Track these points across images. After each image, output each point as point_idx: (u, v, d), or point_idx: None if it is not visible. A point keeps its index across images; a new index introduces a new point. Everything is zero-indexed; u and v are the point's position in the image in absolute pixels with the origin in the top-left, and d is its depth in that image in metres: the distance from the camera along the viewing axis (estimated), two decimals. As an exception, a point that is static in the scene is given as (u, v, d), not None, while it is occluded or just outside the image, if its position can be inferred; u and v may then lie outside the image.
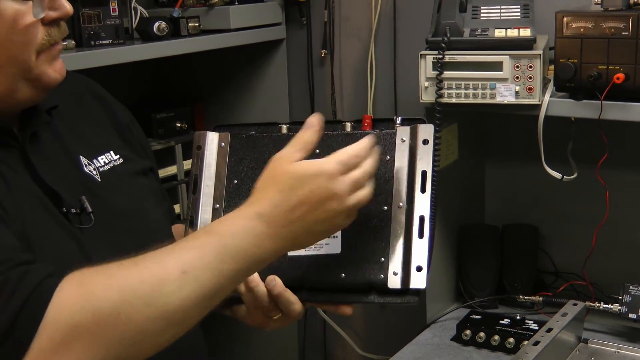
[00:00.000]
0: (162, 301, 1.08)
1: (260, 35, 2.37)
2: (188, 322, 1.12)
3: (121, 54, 1.99)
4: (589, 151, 1.86)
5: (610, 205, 1.86)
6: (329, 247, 1.39)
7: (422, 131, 1.40)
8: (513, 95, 1.79)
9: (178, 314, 1.09)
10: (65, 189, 1.30)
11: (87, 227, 1.30)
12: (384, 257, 1.36)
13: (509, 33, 1.80)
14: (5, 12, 1.19)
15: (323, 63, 2.47)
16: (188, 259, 1.11)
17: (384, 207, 1.38)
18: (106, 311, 1.05)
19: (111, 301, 1.05)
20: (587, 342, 1.83)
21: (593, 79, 1.69)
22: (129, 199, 1.42)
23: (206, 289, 1.11)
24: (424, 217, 1.36)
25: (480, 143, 2.25)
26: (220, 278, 1.13)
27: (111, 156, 1.43)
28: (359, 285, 1.37)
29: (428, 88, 1.85)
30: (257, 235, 1.16)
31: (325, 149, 1.43)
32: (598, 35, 1.69)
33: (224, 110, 2.58)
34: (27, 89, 1.25)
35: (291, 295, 1.36)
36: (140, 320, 1.06)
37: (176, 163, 2.29)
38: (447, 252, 2.14)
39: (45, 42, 1.24)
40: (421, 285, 1.34)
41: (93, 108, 1.49)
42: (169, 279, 1.09)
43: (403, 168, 1.39)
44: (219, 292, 1.14)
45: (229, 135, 1.49)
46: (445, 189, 1.96)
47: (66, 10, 1.26)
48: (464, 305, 2.14)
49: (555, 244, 2.20)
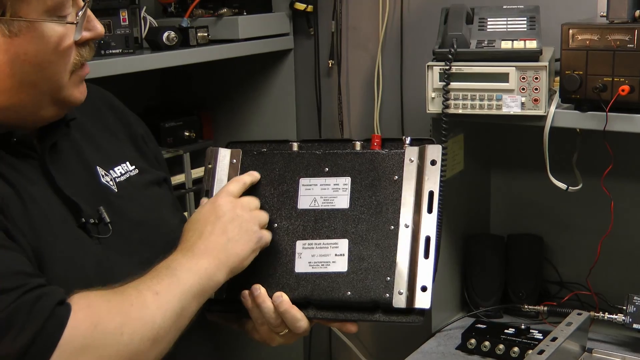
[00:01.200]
0: (150, 320, 1.19)
1: (268, 45, 2.39)
2: (169, 339, 1.23)
3: (131, 63, 2.00)
4: (594, 162, 1.87)
5: (615, 216, 1.86)
6: (336, 265, 1.41)
7: (430, 152, 1.42)
8: (519, 107, 1.80)
9: (161, 331, 1.20)
10: (84, 200, 1.32)
11: (105, 237, 1.32)
12: (389, 277, 1.37)
13: (515, 45, 1.81)
14: (51, 35, 1.22)
15: (330, 73, 2.48)
16: (154, 283, 1.24)
17: (390, 227, 1.40)
18: (112, 332, 1.14)
19: (115, 322, 1.15)
20: (591, 352, 1.84)
21: (598, 90, 1.70)
22: (145, 209, 1.44)
23: (175, 307, 1.23)
24: (430, 237, 1.38)
25: (486, 153, 2.26)
26: (183, 295, 1.26)
27: (127, 167, 1.45)
28: (365, 303, 1.39)
29: (435, 99, 1.86)
30: (192, 254, 1.33)
31: (335, 167, 1.46)
32: (603, 47, 1.71)
33: (231, 119, 2.60)
34: (51, 108, 1.28)
35: (297, 312, 1.39)
36: (137, 340, 1.17)
37: (184, 172, 2.30)
38: (452, 261, 2.15)
39: (77, 62, 1.27)
40: (426, 305, 1.36)
41: (109, 119, 1.51)
42: (148, 300, 1.21)
43: (410, 188, 1.41)
44: (185, 309, 1.26)
45: (240, 152, 1.51)
46: (450, 199, 1.97)
47: (99, 31, 1.30)
48: (469, 315, 2.14)
49: (560, 254, 2.21)
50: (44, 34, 1.21)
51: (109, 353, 1.13)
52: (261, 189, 1.47)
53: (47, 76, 1.24)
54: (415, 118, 2.32)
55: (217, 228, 1.36)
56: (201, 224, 1.37)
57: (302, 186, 1.46)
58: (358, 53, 2.43)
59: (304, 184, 1.46)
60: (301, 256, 1.42)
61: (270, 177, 1.47)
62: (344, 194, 1.44)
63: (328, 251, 1.41)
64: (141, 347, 1.17)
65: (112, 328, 1.14)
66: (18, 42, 1.19)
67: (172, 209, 1.55)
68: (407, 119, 2.36)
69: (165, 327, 1.21)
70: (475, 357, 1.95)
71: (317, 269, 1.40)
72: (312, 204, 1.44)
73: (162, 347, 1.21)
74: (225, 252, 1.34)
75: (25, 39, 1.19)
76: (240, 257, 1.36)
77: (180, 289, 1.25)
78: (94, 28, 1.29)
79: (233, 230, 1.36)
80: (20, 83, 1.22)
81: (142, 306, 1.19)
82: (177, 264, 1.29)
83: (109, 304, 1.17)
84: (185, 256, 1.31)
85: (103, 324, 1.14)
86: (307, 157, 1.47)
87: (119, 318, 1.16)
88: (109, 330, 1.14)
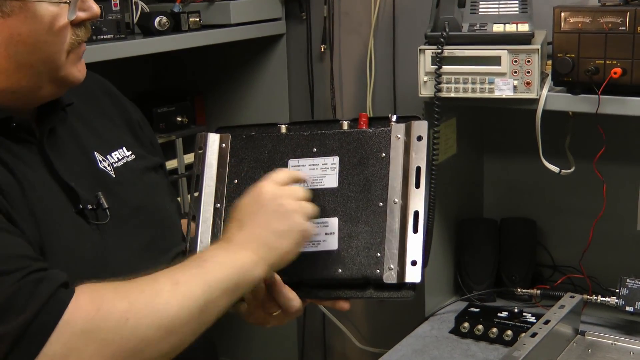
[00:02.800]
0: (162, 308, 1.14)
1: (260, 30, 2.38)
2: (186, 331, 1.17)
3: (122, 48, 2.00)
4: (586, 145, 1.87)
5: (608, 199, 1.87)
6: (326, 243, 1.41)
7: (416, 128, 1.42)
8: (511, 90, 1.80)
9: (175, 322, 1.15)
10: (82, 185, 1.31)
11: (103, 223, 1.32)
12: (380, 253, 1.37)
13: (507, 28, 1.81)
14: (44, 15, 1.22)
15: (322, 58, 2.48)
16: (176, 273, 1.19)
17: (379, 203, 1.40)
18: (115, 317, 1.10)
19: (120, 308, 1.11)
20: (584, 335, 1.84)
21: (590, 73, 1.71)
22: (142, 195, 1.44)
23: (198, 299, 1.18)
24: (418, 212, 1.38)
25: (479, 137, 2.26)
26: (209, 288, 1.19)
27: (124, 152, 1.45)
28: (356, 280, 1.39)
29: (427, 82, 1.86)
30: (229, 247, 1.27)
31: (323, 147, 1.46)
32: (595, 30, 1.71)
33: (224, 104, 2.60)
34: (50, 87, 1.28)
35: (290, 292, 1.38)
36: (144, 328, 1.12)
37: (177, 157, 2.30)
38: (445, 245, 2.15)
39: (73, 41, 1.27)
40: (416, 279, 1.36)
41: (105, 105, 1.51)
42: (164, 289, 1.15)
43: (398, 164, 1.41)
44: (211, 303, 1.20)
45: (229, 137, 1.50)
46: (443, 183, 1.98)
47: (94, 11, 1.30)
48: (463, 298, 2.15)
49: (553, 238, 2.21)
50: (37, 13, 1.21)
51: (112, 338, 1.09)
52: (251, 172, 1.47)
53: (44, 57, 1.24)
54: (408, 102, 2.32)
55: (259, 218, 1.29)
56: (243, 213, 1.31)
57: (291, 167, 1.46)
58: (350, 37, 2.43)
59: (293, 164, 1.46)
60: None
61: (259, 160, 1.47)
62: (333, 173, 1.44)
63: (318, 230, 1.41)
64: (149, 335, 1.12)
65: (117, 313, 1.10)
66: (11, 22, 1.19)
67: (167, 194, 1.56)
68: (400, 103, 2.36)
69: (182, 319, 1.15)
70: (468, 340, 1.96)
71: (308, 248, 1.40)
72: (302, 184, 1.44)
73: (179, 339, 1.16)
74: (266, 246, 1.28)
75: (19, 19, 1.19)
76: (283, 253, 1.30)
77: (205, 281, 1.19)
78: (89, 8, 1.29)
79: (277, 222, 1.29)
80: (17, 64, 1.22)
81: (155, 294, 1.14)
82: (210, 256, 1.24)
83: (116, 290, 1.13)
84: (222, 248, 1.27)
85: (106, 308, 1.10)
86: (295, 139, 1.47)
87: (125, 303, 1.11)
88: (112, 315, 1.10)
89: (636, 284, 1.88)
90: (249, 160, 1.48)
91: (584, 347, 1.81)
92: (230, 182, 1.47)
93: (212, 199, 1.47)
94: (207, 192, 1.47)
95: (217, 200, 1.46)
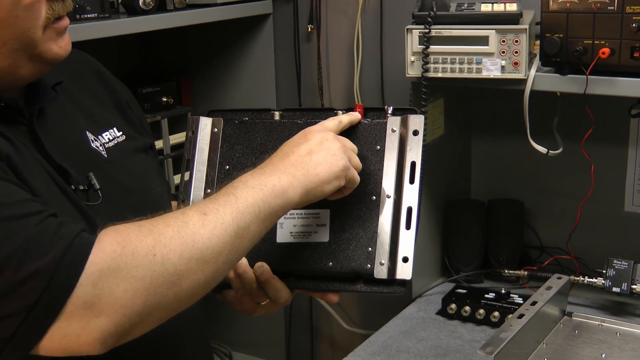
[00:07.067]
0: (191, 239, 1.11)
1: (246, 9, 2.36)
2: (220, 260, 1.14)
3: (106, 28, 1.97)
4: (574, 126, 1.87)
5: (595, 180, 1.86)
6: (317, 235, 1.40)
7: (412, 122, 1.40)
8: (499, 70, 1.79)
9: (207, 252, 1.12)
10: (73, 166, 1.29)
11: (94, 204, 1.30)
12: (371, 247, 1.37)
13: (495, 8, 1.80)
14: None
15: (309, 38, 2.46)
16: (205, 204, 1.17)
17: (372, 197, 1.39)
18: (143, 253, 1.07)
19: (145, 244, 1.08)
20: (571, 316, 1.85)
21: (579, 53, 1.70)
22: (133, 175, 1.42)
23: (228, 227, 1.15)
24: (411, 208, 1.37)
25: (467, 118, 2.25)
26: (240, 214, 1.16)
27: (115, 133, 1.43)
28: (346, 274, 1.38)
29: (414, 62, 1.85)
30: (263, 172, 1.24)
31: None
32: (584, 9, 1.70)
33: (210, 84, 2.58)
34: (30, 65, 1.24)
35: (278, 282, 1.38)
36: (175, 260, 1.09)
37: (162, 137, 2.28)
38: (432, 226, 2.15)
39: (49, 16, 1.23)
40: (407, 276, 1.35)
41: (94, 85, 1.48)
42: (192, 220, 1.13)
43: (392, 158, 1.39)
44: (243, 229, 1.17)
45: (221, 121, 1.49)
46: (431, 164, 1.96)
47: None
48: (450, 280, 2.15)
49: (540, 219, 2.21)
50: None
51: (142, 274, 1.06)
52: (243, 158, 1.45)
53: (16, 33, 1.20)
54: (396, 83, 2.31)
55: (301, 148, 1.28)
56: (287, 145, 1.31)
57: None
58: (338, 17, 2.41)
59: None
60: (282, 226, 1.41)
61: (251, 146, 1.46)
62: None
63: (310, 221, 1.40)
64: (181, 267, 1.09)
65: (143, 249, 1.08)
66: None
67: (158, 175, 1.54)
68: (387, 83, 2.35)
69: (215, 247, 1.13)
70: (455, 322, 1.96)
71: (298, 239, 1.40)
72: None
73: (214, 268, 1.14)
74: (303, 169, 1.25)
75: None
76: (321, 179, 1.27)
77: (236, 207, 1.16)
78: None
79: (319, 152, 1.28)
80: None
81: (182, 226, 1.12)
82: (241, 182, 1.21)
83: (140, 227, 1.10)
84: (254, 174, 1.24)
85: (131, 245, 1.07)
86: (289, 127, 1.46)
87: (150, 238, 1.09)
88: (139, 251, 1.07)
89: (623, 265, 1.88)
90: (241, 146, 1.46)
91: (571, 328, 1.81)
92: (221, 167, 1.46)
93: (202, 184, 1.45)
94: (197, 177, 1.46)
95: (207, 186, 1.45)
